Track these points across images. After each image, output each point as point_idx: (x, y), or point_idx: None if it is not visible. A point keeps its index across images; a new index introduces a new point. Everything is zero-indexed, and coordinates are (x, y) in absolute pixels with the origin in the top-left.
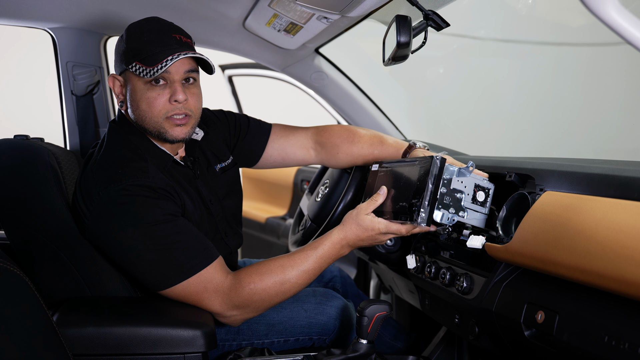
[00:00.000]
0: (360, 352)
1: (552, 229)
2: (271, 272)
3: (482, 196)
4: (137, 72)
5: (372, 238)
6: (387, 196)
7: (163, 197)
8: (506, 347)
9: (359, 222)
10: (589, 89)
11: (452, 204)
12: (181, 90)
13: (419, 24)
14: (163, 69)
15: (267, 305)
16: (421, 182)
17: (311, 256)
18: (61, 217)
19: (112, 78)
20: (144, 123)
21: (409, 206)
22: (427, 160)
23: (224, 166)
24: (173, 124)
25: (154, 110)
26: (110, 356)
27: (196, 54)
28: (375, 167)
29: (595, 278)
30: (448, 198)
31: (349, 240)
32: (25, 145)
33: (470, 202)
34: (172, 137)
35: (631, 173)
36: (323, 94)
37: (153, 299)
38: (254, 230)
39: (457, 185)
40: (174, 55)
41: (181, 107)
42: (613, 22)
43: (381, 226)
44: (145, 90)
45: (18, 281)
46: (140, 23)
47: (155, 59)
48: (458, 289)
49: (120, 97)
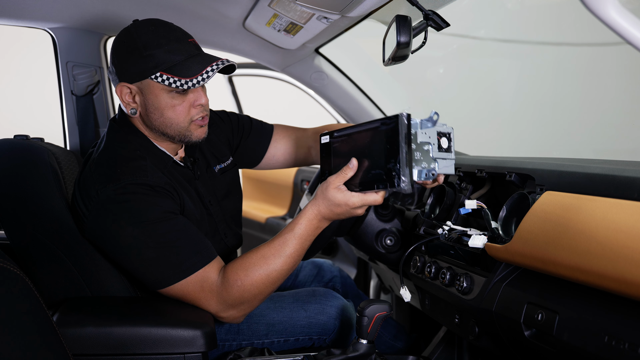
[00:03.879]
0: (360, 352)
1: (552, 229)
2: (255, 265)
3: (446, 142)
4: (165, 82)
5: (348, 212)
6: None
7: (162, 195)
8: (506, 347)
9: (329, 198)
10: (589, 89)
11: (423, 159)
12: (204, 94)
13: (419, 24)
14: (204, 81)
15: (261, 297)
16: (391, 144)
17: (290, 239)
18: (61, 217)
19: (122, 87)
20: (168, 129)
21: (386, 172)
22: (392, 120)
23: (223, 167)
24: (197, 126)
25: (181, 116)
26: (110, 356)
27: (230, 62)
28: (326, 139)
29: (595, 278)
30: (418, 153)
31: (324, 214)
32: (25, 145)
33: (437, 152)
34: (196, 139)
35: (631, 173)
36: (323, 94)
37: (153, 299)
38: (254, 230)
39: (423, 138)
40: (213, 66)
41: (203, 109)
42: (613, 22)
43: (355, 200)
44: (171, 99)
45: (18, 281)
46: (148, 29)
47: (188, 70)
48: (458, 289)
49: (132, 106)
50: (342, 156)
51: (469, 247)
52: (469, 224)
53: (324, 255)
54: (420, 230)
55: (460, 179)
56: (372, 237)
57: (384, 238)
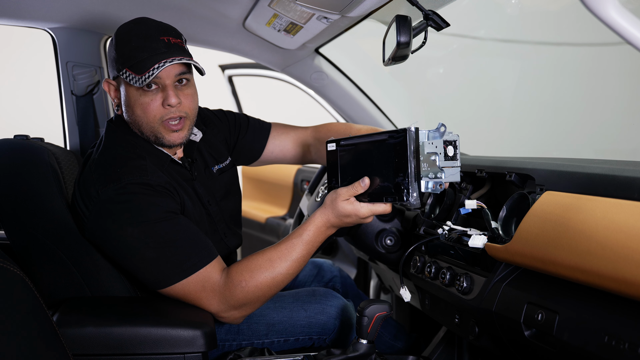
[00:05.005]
0: (360, 352)
1: (552, 229)
2: (260, 267)
3: (452, 150)
4: (127, 79)
5: (357, 221)
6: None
7: (162, 194)
8: (506, 347)
9: (339, 209)
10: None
11: (430, 169)
12: (173, 94)
13: (419, 24)
14: (151, 77)
15: (263, 300)
16: (400, 158)
17: (297, 244)
18: (61, 217)
19: (107, 82)
20: (141, 127)
21: (394, 186)
22: (399, 133)
23: (222, 167)
24: (169, 130)
25: (149, 115)
26: (110, 356)
27: (183, 59)
28: (332, 147)
29: (595, 278)
30: (425, 164)
31: (332, 223)
32: (25, 145)
33: (444, 160)
34: (169, 143)
35: (631, 173)
36: (323, 94)
37: (153, 299)
38: (254, 230)
39: (430, 149)
40: (161, 63)
41: (175, 110)
42: (613, 22)
43: (364, 211)
44: (139, 96)
45: (18, 281)
46: (128, 26)
47: (143, 66)
48: (458, 289)
49: (116, 101)
50: (349, 165)
51: (469, 247)
52: (469, 224)
53: (324, 255)
54: (420, 230)
55: (461, 178)
56: (372, 237)
57: (384, 238)
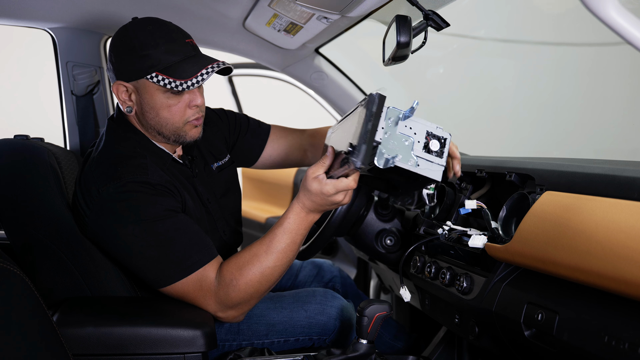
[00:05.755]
0: (360, 352)
1: (552, 229)
2: (248, 263)
3: (437, 145)
4: (160, 82)
5: (329, 202)
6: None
7: (162, 193)
8: (506, 347)
9: (307, 188)
10: (589, 89)
11: (399, 150)
12: (200, 95)
13: (419, 24)
14: (200, 82)
15: (258, 296)
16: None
17: (279, 234)
18: (61, 217)
19: (118, 85)
20: (163, 128)
21: (349, 152)
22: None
23: (221, 165)
24: (192, 126)
25: (176, 116)
26: (110, 356)
27: (220, 64)
28: (330, 133)
29: (595, 278)
30: (394, 142)
31: (308, 206)
32: (25, 145)
33: (423, 151)
34: (190, 139)
35: (631, 173)
36: (323, 94)
37: (153, 299)
38: (254, 230)
39: (404, 130)
40: (207, 69)
41: (199, 109)
42: (613, 22)
43: (329, 188)
44: (166, 99)
45: (18, 281)
46: (146, 29)
47: (184, 72)
48: (458, 289)
49: (128, 104)
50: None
51: (469, 247)
52: (469, 224)
53: (324, 255)
54: (420, 230)
55: (460, 178)
56: (372, 237)
57: (384, 238)
